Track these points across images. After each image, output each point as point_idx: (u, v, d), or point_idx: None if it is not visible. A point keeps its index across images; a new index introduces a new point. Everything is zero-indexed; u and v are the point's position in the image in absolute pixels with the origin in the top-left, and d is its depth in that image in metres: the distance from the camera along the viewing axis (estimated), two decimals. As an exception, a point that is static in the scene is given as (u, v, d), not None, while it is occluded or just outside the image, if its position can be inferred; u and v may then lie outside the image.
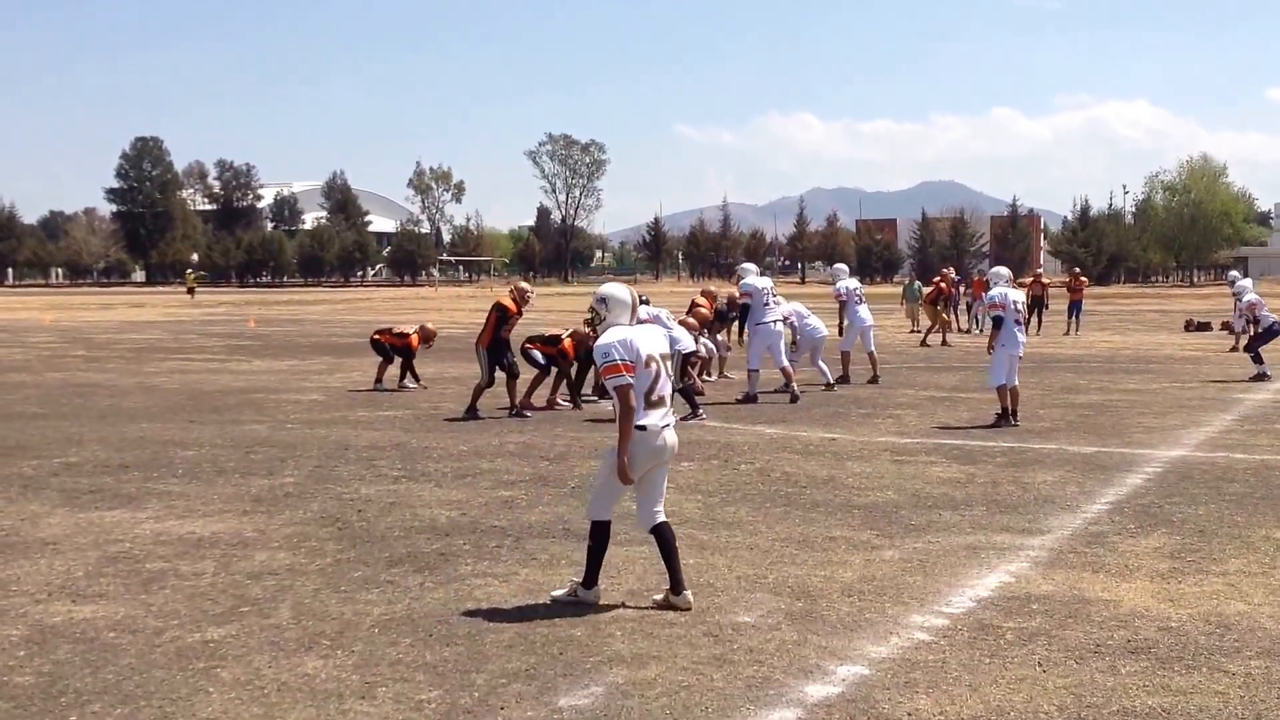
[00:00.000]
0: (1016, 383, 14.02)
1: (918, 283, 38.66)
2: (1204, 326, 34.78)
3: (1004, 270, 14.88)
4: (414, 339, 18.60)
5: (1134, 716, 4.93)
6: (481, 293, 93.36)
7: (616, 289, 6.86)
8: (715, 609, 6.47)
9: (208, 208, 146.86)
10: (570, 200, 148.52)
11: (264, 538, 8.24)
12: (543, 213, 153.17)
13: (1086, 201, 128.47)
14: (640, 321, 6.96)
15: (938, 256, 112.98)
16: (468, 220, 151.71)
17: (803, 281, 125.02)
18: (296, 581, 7.10)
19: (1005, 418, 13.80)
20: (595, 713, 5.02)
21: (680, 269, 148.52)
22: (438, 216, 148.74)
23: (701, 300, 18.29)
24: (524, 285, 16.10)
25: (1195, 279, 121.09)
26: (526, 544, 8.04)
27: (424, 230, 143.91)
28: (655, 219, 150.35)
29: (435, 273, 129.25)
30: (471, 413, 14.92)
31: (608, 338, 6.54)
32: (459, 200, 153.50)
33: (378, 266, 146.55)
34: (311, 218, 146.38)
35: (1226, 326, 33.59)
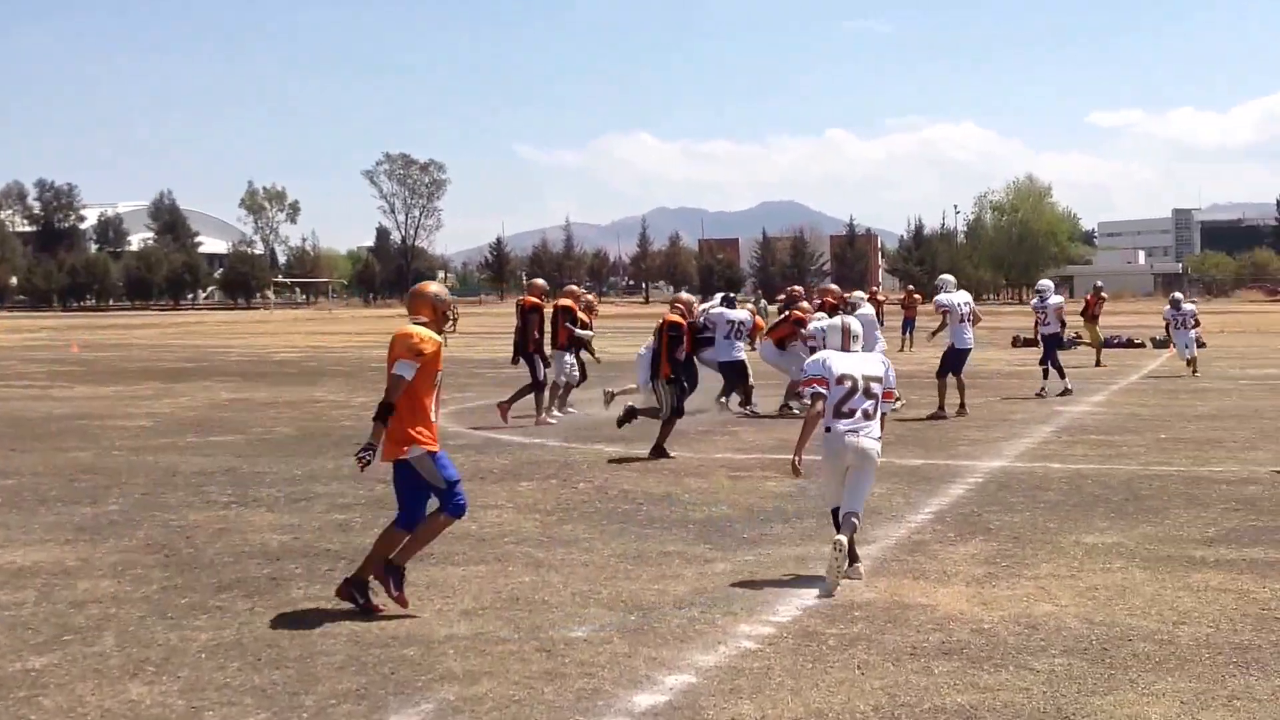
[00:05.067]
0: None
1: (764, 301, 39.30)
2: (1030, 342, 36.03)
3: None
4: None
5: (944, 713, 5.17)
6: (320, 315, 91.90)
7: (834, 321, 8.26)
8: (549, 625, 6.56)
9: (27, 229, 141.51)
10: (410, 220, 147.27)
11: (88, 566, 8.05)
12: (382, 233, 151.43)
13: (920, 221, 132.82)
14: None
15: (779, 275, 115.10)
16: (303, 241, 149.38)
17: (646, 301, 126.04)
18: (121, 609, 6.97)
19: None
20: (426, 730, 5.06)
21: (524, 290, 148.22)
22: (272, 237, 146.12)
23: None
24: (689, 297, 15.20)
25: (1024, 296, 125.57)
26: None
27: (258, 251, 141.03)
28: (498, 239, 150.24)
29: (270, 295, 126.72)
30: (660, 452, 13.10)
31: (815, 356, 8.10)
32: (294, 220, 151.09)
33: (209, 289, 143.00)
34: (138, 239, 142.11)
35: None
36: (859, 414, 7.69)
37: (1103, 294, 30.75)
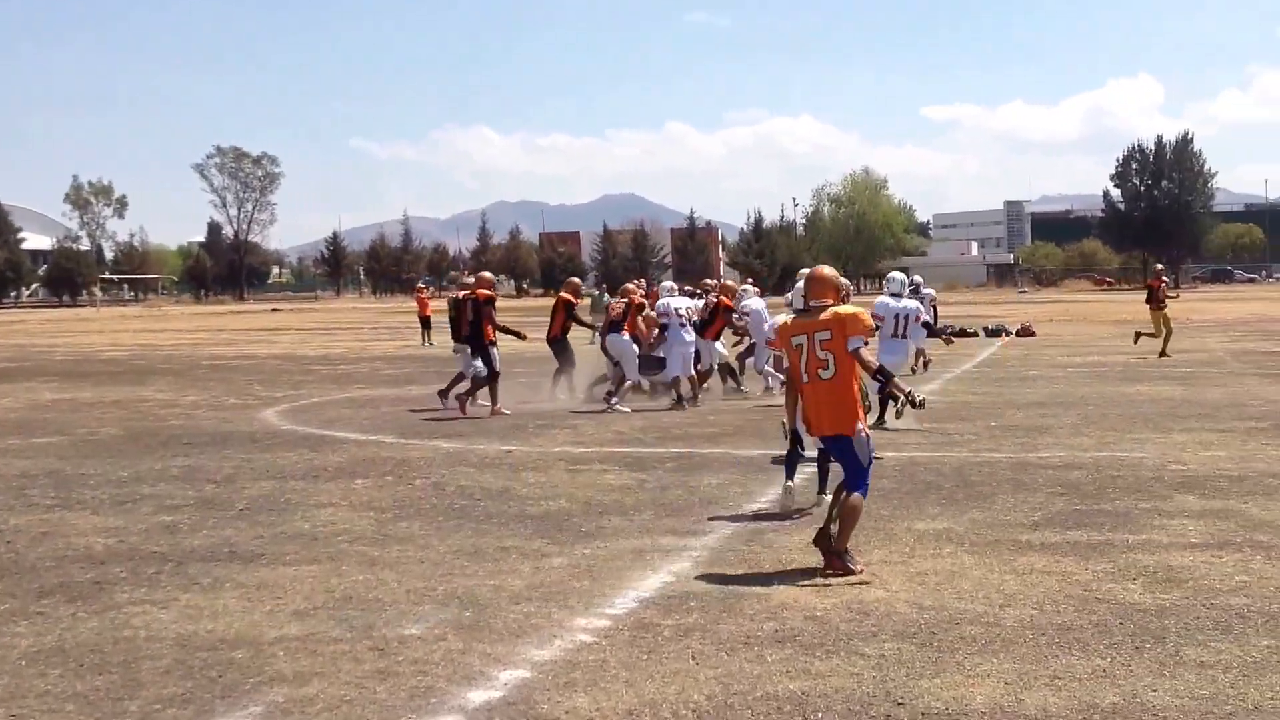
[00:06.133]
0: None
1: (607, 295, 39.29)
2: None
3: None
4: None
5: (776, 700, 5.23)
6: (149, 312, 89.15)
7: (799, 284, 9.84)
8: (382, 623, 6.45)
9: None
10: (243, 215, 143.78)
11: (-105, 576, 7.67)
12: (214, 228, 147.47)
13: (759, 214, 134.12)
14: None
15: (621, 268, 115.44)
16: (132, 236, 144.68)
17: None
18: (-68, 620, 6.65)
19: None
20: (254, 734, 4.94)
21: (362, 285, 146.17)
22: (99, 233, 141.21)
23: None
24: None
25: (862, 287, 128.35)
26: (188, 569, 7.78)
27: (84, 248, 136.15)
28: (334, 233, 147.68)
29: (97, 292, 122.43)
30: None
31: (772, 320, 10.04)
32: (122, 216, 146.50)
33: (33, 287, 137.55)
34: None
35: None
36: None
37: (1163, 277, 27.25)
